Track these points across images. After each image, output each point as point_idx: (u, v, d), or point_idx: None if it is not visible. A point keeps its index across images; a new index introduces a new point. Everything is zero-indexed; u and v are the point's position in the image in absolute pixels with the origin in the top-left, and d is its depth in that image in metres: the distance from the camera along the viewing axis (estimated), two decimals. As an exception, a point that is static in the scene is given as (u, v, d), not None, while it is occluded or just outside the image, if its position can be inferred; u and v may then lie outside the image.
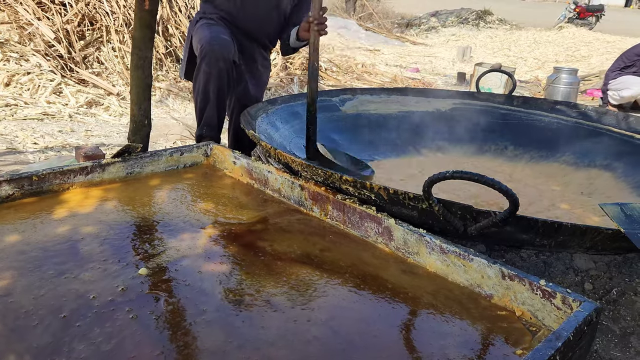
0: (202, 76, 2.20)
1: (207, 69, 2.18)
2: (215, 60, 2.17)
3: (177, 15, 4.03)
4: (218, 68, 2.18)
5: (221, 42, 2.20)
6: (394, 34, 12.09)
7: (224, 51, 2.19)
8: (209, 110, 2.26)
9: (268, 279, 1.28)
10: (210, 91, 2.22)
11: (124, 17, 3.84)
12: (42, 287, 1.15)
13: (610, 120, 2.86)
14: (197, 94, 2.26)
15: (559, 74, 4.49)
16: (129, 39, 3.87)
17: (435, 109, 3.18)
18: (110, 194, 1.69)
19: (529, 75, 9.00)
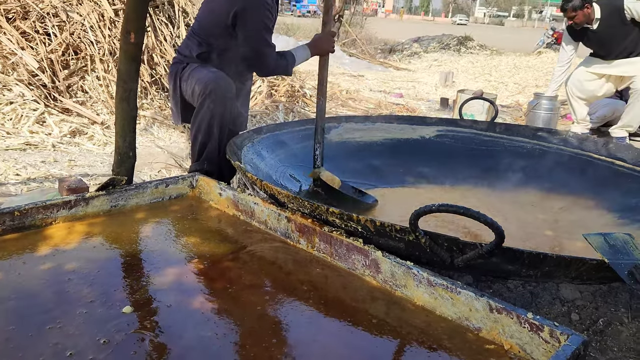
0: (207, 112, 2.22)
1: (212, 106, 2.20)
2: (221, 97, 2.20)
3: (162, 44, 4.04)
4: (224, 105, 2.22)
5: (226, 80, 2.25)
6: (377, 60, 12.27)
7: (230, 89, 2.24)
8: (211, 145, 2.28)
9: (253, 313, 1.27)
10: (215, 127, 2.24)
11: (109, 46, 3.85)
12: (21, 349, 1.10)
13: (590, 147, 2.92)
14: (199, 130, 2.26)
15: (540, 100, 4.58)
16: (114, 68, 3.88)
17: (419, 136, 3.22)
18: (95, 228, 1.66)
19: (510, 100, 9.16)
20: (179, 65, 2.46)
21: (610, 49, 4.57)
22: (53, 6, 3.80)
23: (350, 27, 13.69)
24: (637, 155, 2.73)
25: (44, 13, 3.76)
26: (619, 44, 4.52)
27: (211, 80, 2.22)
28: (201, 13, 2.47)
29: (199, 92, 2.26)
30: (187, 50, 2.45)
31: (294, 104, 4.66)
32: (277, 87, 4.60)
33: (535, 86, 10.43)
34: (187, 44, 2.44)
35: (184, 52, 2.47)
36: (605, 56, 4.62)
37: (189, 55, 2.45)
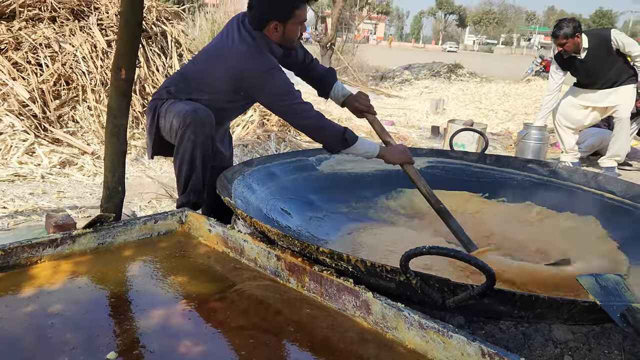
0: (188, 144, 2.18)
1: (193, 137, 2.17)
2: (201, 127, 2.17)
3: (155, 74, 4.06)
4: (204, 135, 2.19)
5: (205, 111, 2.22)
6: (368, 87, 12.38)
7: (209, 119, 2.21)
8: (195, 177, 2.25)
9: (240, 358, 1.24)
10: (197, 158, 2.21)
11: (101, 77, 3.86)
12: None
13: (580, 179, 2.93)
14: (182, 163, 2.23)
15: (529, 130, 4.63)
16: (106, 98, 3.88)
17: (410, 167, 3.22)
18: (81, 267, 1.64)
19: (500, 128, 9.25)
20: (159, 101, 2.38)
21: (596, 79, 4.65)
22: (46, 37, 3.81)
23: (342, 54, 13.85)
24: (626, 188, 2.75)
25: (36, 44, 3.78)
26: (605, 74, 4.61)
27: (189, 112, 2.19)
28: (202, 65, 2.35)
29: (178, 125, 2.21)
30: (173, 89, 2.35)
31: (285, 133, 4.67)
32: (269, 117, 4.62)
33: (525, 114, 10.57)
34: (177, 83, 2.35)
35: (171, 89, 2.36)
36: (590, 85, 4.70)
37: (174, 93, 2.35)
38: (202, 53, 2.48)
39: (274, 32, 2.21)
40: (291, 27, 2.22)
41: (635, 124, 5.51)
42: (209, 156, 2.27)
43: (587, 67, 4.59)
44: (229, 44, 2.27)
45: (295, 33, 2.25)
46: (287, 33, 2.22)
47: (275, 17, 2.19)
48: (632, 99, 4.69)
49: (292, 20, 2.20)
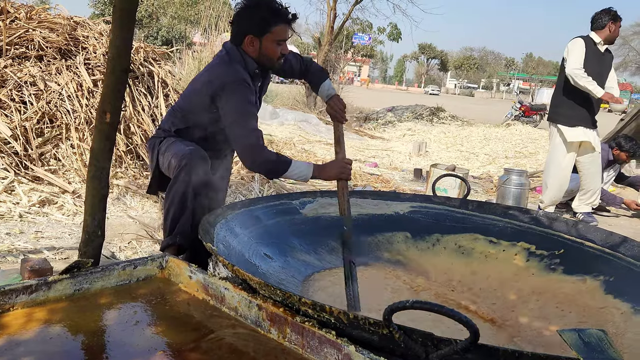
0: (181, 185, 2.20)
1: (187, 178, 2.19)
2: (196, 170, 2.20)
3: (140, 114, 4.07)
4: (198, 178, 2.21)
5: (202, 154, 2.25)
6: (352, 128, 12.55)
7: (205, 162, 2.24)
8: (184, 219, 2.24)
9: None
10: (188, 200, 2.22)
11: (86, 115, 3.85)
12: None
13: (561, 227, 2.96)
14: (172, 203, 2.24)
15: (510, 176, 4.70)
16: (89, 137, 3.86)
17: (393, 212, 3.23)
18: (55, 316, 1.59)
19: (481, 171, 9.40)
20: (157, 138, 2.48)
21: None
22: (31, 75, 3.81)
23: (326, 96, 14.03)
24: (606, 237, 2.78)
25: (21, 82, 3.77)
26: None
27: (187, 153, 2.23)
28: (185, 93, 2.52)
29: (175, 165, 2.26)
30: (166, 125, 2.48)
31: (269, 174, 4.68)
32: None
33: (505, 157, 10.78)
34: (169, 119, 2.47)
35: (165, 126, 2.51)
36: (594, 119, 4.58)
37: (168, 129, 2.48)
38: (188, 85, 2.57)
39: (249, 46, 2.28)
40: (268, 44, 2.27)
41: (612, 170, 5.65)
42: (200, 200, 2.26)
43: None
44: (208, 66, 2.41)
45: (273, 51, 2.29)
46: (264, 49, 2.28)
47: (251, 31, 2.27)
48: None
49: (269, 37, 2.26)
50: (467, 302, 2.53)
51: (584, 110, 4.41)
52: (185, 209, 2.21)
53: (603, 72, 4.46)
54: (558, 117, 4.54)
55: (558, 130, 4.50)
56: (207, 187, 2.33)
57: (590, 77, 4.24)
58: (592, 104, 4.41)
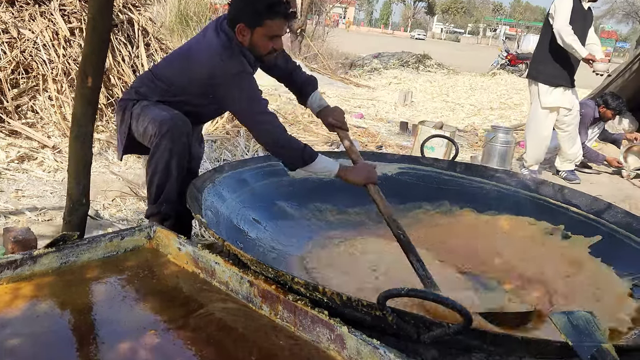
0: (164, 153, 2.11)
1: (170, 145, 2.10)
2: (179, 136, 2.11)
3: (120, 65, 3.91)
4: (182, 143, 2.12)
5: (183, 118, 2.15)
6: (338, 76, 12.33)
7: (187, 127, 2.15)
8: (169, 187, 2.17)
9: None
10: (172, 168, 2.14)
11: (63, 66, 3.68)
12: None
13: (547, 191, 2.98)
14: (155, 172, 2.15)
15: (496, 134, 4.69)
16: (68, 89, 3.72)
17: (381, 173, 3.19)
18: (42, 292, 1.55)
19: (466, 122, 9.38)
20: (130, 101, 2.30)
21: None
22: (3, 21, 3.61)
23: (312, 40, 13.70)
24: (591, 203, 2.82)
25: (-8, 28, 3.57)
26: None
27: (167, 119, 2.11)
28: (173, 65, 2.29)
29: (154, 132, 2.14)
30: (144, 90, 2.29)
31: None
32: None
33: (490, 108, 10.75)
34: (148, 85, 2.27)
35: (141, 91, 2.29)
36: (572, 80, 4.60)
37: (147, 96, 2.28)
38: (176, 52, 2.43)
39: (240, 35, 2.13)
40: (259, 37, 2.12)
41: (597, 127, 5.67)
42: (184, 166, 2.20)
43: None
44: (201, 44, 2.20)
45: (263, 45, 2.14)
46: (254, 41, 2.13)
47: (244, 20, 2.11)
48: None
49: (261, 30, 2.10)
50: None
51: (565, 70, 4.41)
52: (169, 177, 2.15)
53: (585, 30, 4.44)
54: (539, 75, 4.52)
55: (538, 90, 4.49)
56: (190, 152, 2.27)
57: (576, 36, 4.20)
58: (573, 63, 4.40)
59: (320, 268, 2.30)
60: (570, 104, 4.56)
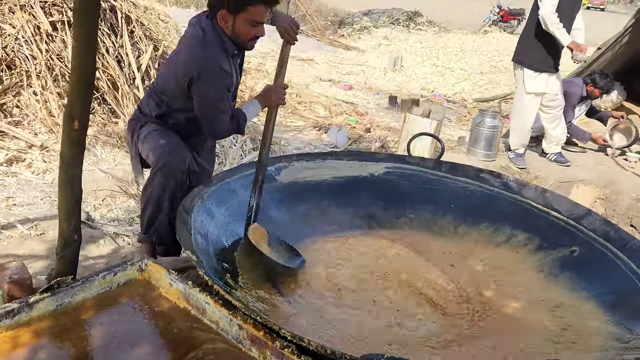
0: (158, 186, 2.17)
1: (163, 180, 2.16)
2: (174, 172, 2.16)
3: (105, 57, 3.85)
4: (175, 180, 2.18)
5: (179, 153, 2.20)
6: (327, 37, 12.13)
7: (181, 164, 2.20)
8: (161, 218, 2.24)
9: None
10: (165, 200, 2.21)
11: (46, 62, 3.63)
12: None
13: (529, 194, 3.06)
14: (149, 202, 2.22)
15: (484, 118, 4.72)
16: (52, 85, 3.68)
17: (368, 174, 3.26)
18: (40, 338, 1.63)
19: (456, 88, 9.37)
20: (137, 122, 2.37)
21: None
22: (-19, 15, 3.52)
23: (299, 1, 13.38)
24: (571, 208, 2.90)
25: (-29, 23, 3.49)
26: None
27: (164, 153, 2.17)
28: (162, 73, 2.40)
29: (152, 162, 2.23)
30: (146, 109, 2.36)
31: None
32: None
33: (480, 73, 10.71)
34: (148, 102, 2.36)
35: (144, 109, 2.39)
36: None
37: (148, 114, 2.37)
38: (163, 66, 2.46)
39: (222, 21, 2.16)
40: (241, 23, 2.14)
41: (584, 105, 5.71)
42: (178, 199, 2.24)
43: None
44: (182, 44, 2.26)
45: (245, 32, 2.17)
46: (236, 28, 2.15)
47: (225, 6, 2.12)
48: None
49: (243, 16, 2.12)
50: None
51: (550, 55, 4.44)
52: (161, 211, 2.20)
53: (573, 15, 4.43)
54: (524, 60, 4.54)
55: (523, 75, 4.51)
56: (184, 186, 2.31)
57: (561, 24, 4.20)
58: (558, 49, 4.43)
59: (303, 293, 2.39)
60: (555, 90, 4.60)
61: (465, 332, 2.20)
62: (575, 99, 5.38)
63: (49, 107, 3.69)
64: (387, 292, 2.43)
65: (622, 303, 2.32)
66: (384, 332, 2.14)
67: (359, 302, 2.32)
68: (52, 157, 3.48)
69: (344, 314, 2.22)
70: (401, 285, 2.48)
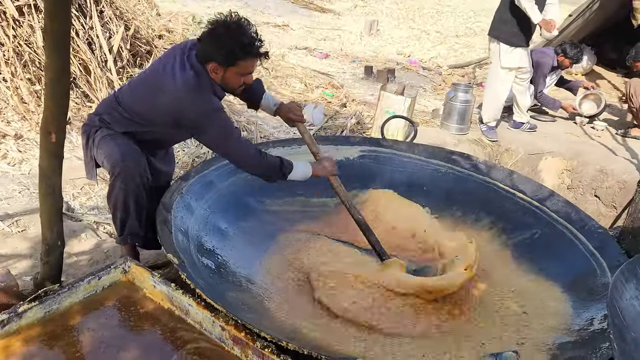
0: (120, 193, 2.20)
1: (123, 186, 2.18)
2: (131, 178, 2.18)
3: (75, 40, 3.78)
4: (135, 184, 2.20)
5: (133, 157, 2.20)
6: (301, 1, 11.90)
7: (138, 167, 2.20)
8: (131, 221, 2.28)
9: None
10: (130, 205, 2.23)
11: (15, 48, 3.56)
12: None
13: (497, 175, 3.19)
14: (116, 207, 2.25)
15: (456, 93, 4.80)
16: (22, 71, 3.62)
17: (344, 157, 3.34)
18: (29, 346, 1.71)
19: (432, 52, 9.38)
20: (91, 127, 2.32)
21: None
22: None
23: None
24: (536, 190, 3.04)
25: None
26: None
27: (118, 160, 2.17)
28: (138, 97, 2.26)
29: (109, 170, 2.24)
30: (108, 118, 2.29)
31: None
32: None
33: (456, 36, 10.69)
34: (111, 114, 2.28)
35: (105, 119, 2.30)
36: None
37: (109, 124, 2.29)
38: (139, 80, 2.38)
39: (213, 72, 2.15)
40: (231, 75, 2.16)
41: (555, 75, 5.81)
42: (142, 200, 2.28)
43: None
44: (169, 77, 2.16)
45: (235, 81, 2.19)
46: (227, 79, 2.17)
47: (217, 59, 2.12)
48: None
49: (234, 69, 2.13)
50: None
51: (524, 31, 4.50)
52: (129, 213, 2.25)
53: None
54: (500, 34, 4.60)
55: (500, 49, 4.58)
56: (145, 187, 2.30)
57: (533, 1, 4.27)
58: (531, 25, 4.51)
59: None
60: (528, 63, 4.70)
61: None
62: (546, 69, 5.48)
63: (20, 93, 3.64)
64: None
65: (579, 283, 2.49)
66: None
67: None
68: (28, 147, 3.47)
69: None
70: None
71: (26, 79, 3.68)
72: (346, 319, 2.21)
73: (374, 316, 2.23)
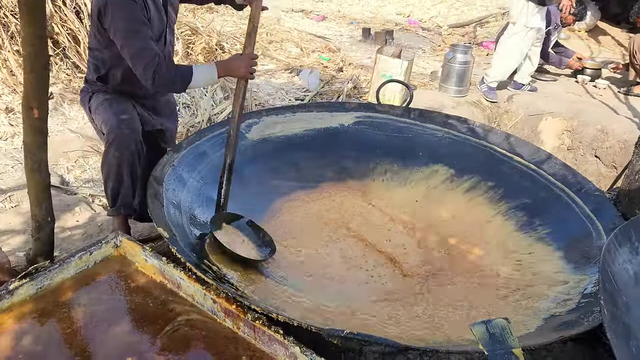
0: (113, 160, 2.18)
1: (118, 154, 2.16)
2: (126, 145, 2.16)
3: (62, 10, 3.69)
4: (129, 152, 2.18)
5: (129, 124, 2.17)
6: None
7: (134, 134, 2.18)
8: (124, 191, 2.27)
9: None
10: (124, 174, 2.22)
11: (1, 19, 3.48)
12: None
13: (494, 139, 3.14)
14: (108, 176, 2.24)
15: (455, 54, 4.70)
16: (9, 43, 3.55)
17: (338, 124, 3.29)
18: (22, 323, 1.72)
19: (432, 12, 9.17)
20: (86, 94, 2.36)
21: None
22: None
23: None
24: (533, 153, 3.00)
25: None
26: None
27: (114, 127, 2.15)
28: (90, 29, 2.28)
29: (105, 136, 2.22)
30: (89, 75, 2.34)
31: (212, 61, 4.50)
32: (193, 45, 4.40)
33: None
34: (88, 67, 2.33)
35: (88, 77, 2.37)
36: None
37: (91, 79, 2.34)
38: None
39: None
40: None
41: (556, 32, 5.68)
42: (136, 170, 2.27)
43: None
44: None
45: None
46: None
47: None
48: None
49: None
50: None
51: None
52: (122, 183, 2.23)
53: None
54: None
55: (528, 9, 4.47)
56: (140, 155, 2.28)
57: None
58: None
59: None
60: (544, 23, 4.65)
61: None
62: (551, 26, 5.36)
63: (9, 66, 3.59)
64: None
65: (575, 247, 2.47)
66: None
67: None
68: (19, 120, 3.44)
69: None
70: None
71: (14, 51, 3.62)
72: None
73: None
